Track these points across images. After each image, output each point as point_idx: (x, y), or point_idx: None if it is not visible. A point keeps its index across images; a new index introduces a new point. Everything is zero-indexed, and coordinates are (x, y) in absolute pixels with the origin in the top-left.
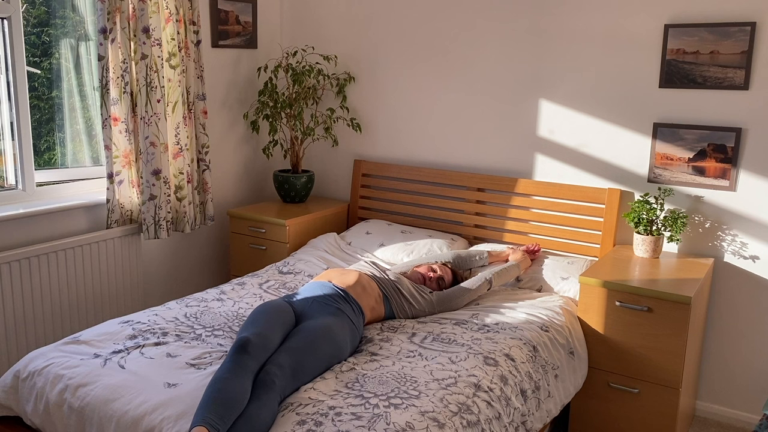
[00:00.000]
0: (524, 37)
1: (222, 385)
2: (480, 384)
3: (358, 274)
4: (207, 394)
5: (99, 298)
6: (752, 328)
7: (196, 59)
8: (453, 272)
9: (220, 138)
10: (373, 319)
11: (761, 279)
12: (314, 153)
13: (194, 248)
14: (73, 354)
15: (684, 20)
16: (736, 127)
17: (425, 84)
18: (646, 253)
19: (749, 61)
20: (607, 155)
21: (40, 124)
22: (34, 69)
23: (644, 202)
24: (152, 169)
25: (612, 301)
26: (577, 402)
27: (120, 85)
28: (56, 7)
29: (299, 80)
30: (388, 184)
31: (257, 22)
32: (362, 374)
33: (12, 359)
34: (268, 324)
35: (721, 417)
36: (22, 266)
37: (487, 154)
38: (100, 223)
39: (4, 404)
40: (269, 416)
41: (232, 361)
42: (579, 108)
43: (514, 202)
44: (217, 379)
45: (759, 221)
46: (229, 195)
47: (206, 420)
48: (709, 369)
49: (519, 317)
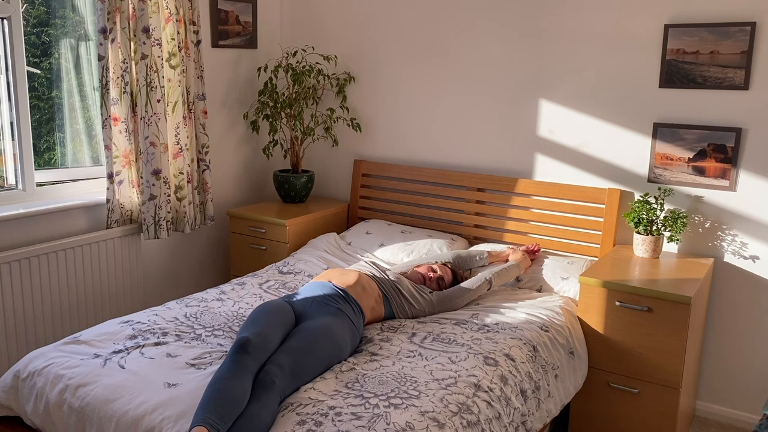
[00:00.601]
0: (524, 36)
1: (222, 385)
2: (480, 384)
3: (358, 274)
4: (207, 394)
5: (99, 298)
6: (752, 328)
7: (196, 59)
8: (453, 272)
9: (220, 138)
10: (373, 319)
11: (761, 279)
12: (314, 153)
13: (194, 248)
14: (73, 354)
15: (684, 20)
16: (736, 127)
17: (425, 84)
18: (646, 253)
19: (749, 61)
20: (607, 155)
21: (40, 124)
22: (34, 69)
23: (644, 202)
24: (152, 169)
25: (612, 301)
26: (577, 402)
27: (120, 85)
28: (56, 7)
29: (299, 80)
30: (388, 184)
31: (257, 22)
32: (362, 374)
33: (12, 359)
34: (268, 324)
35: (721, 417)
36: (22, 266)
37: (487, 154)
38: (100, 223)
39: (4, 404)
40: (269, 416)
41: (232, 361)
42: (579, 108)
43: (514, 202)
44: (217, 379)
45: (759, 221)
46: (229, 195)
47: (206, 420)
48: (709, 369)
49: (519, 317)
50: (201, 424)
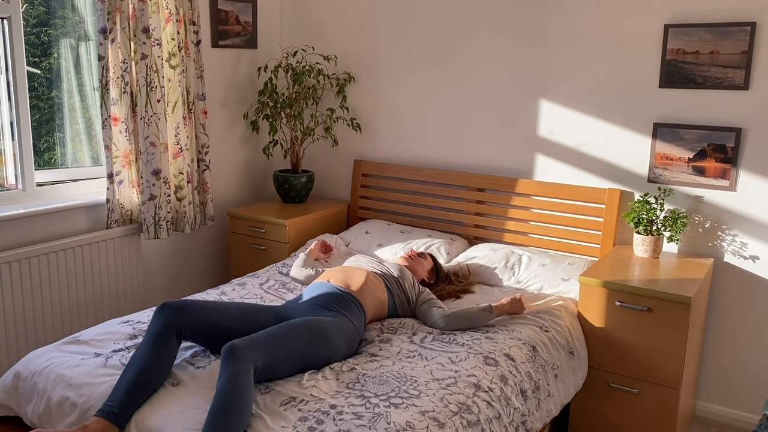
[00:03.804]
0: (524, 36)
1: (131, 367)
2: (480, 384)
3: (363, 272)
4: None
5: (99, 298)
6: (752, 328)
7: (196, 59)
8: (434, 261)
9: (220, 138)
10: (376, 317)
11: (761, 279)
12: (314, 153)
13: (194, 248)
14: (74, 354)
15: (684, 20)
16: (736, 127)
17: (425, 84)
18: (646, 253)
19: (749, 61)
20: (607, 155)
21: (40, 124)
22: (34, 69)
23: (644, 202)
24: (152, 169)
25: (612, 301)
26: (577, 402)
27: (120, 85)
28: (56, 7)
29: (299, 80)
30: (388, 184)
31: (257, 22)
32: (363, 374)
33: (12, 359)
34: (214, 305)
35: (721, 417)
36: (22, 266)
37: (487, 154)
38: (100, 223)
39: (5, 404)
40: (236, 385)
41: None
42: (579, 108)
43: (514, 202)
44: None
45: (759, 221)
46: (229, 195)
47: (107, 407)
48: (709, 369)
49: (519, 317)
50: (98, 415)
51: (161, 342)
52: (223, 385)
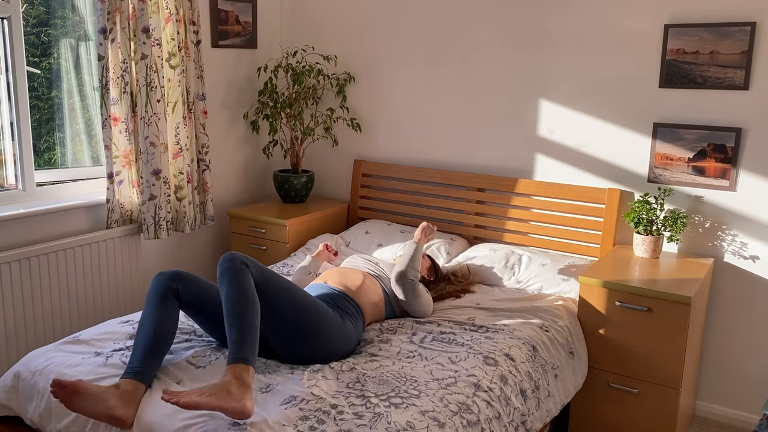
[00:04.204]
0: (524, 36)
1: (143, 330)
2: (480, 384)
3: (360, 274)
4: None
5: (99, 298)
6: (752, 328)
7: (196, 59)
8: (432, 262)
9: (220, 138)
10: (374, 319)
11: (761, 279)
12: (314, 153)
13: (194, 248)
14: (74, 353)
15: (684, 20)
16: (736, 127)
17: (425, 84)
18: (646, 253)
19: (749, 61)
20: (607, 155)
21: (40, 124)
22: (34, 69)
23: (644, 202)
24: (152, 169)
25: (612, 301)
26: (577, 402)
27: (120, 85)
28: (56, 7)
29: (299, 80)
30: (388, 184)
31: (257, 22)
32: (363, 374)
33: (12, 359)
34: (211, 284)
35: (721, 417)
36: (22, 266)
37: (487, 154)
38: (100, 223)
39: (5, 404)
40: (244, 285)
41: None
42: (579, 108)
43: (514, 202)
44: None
45: (759, 221)
46: (229, 195)
47: (132, 368)
48: (709, 369)
49: (519, 317)
50: (125, 377)
51: (165, 303)
52: (227, 292)
